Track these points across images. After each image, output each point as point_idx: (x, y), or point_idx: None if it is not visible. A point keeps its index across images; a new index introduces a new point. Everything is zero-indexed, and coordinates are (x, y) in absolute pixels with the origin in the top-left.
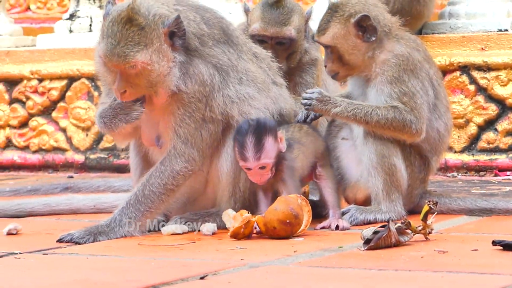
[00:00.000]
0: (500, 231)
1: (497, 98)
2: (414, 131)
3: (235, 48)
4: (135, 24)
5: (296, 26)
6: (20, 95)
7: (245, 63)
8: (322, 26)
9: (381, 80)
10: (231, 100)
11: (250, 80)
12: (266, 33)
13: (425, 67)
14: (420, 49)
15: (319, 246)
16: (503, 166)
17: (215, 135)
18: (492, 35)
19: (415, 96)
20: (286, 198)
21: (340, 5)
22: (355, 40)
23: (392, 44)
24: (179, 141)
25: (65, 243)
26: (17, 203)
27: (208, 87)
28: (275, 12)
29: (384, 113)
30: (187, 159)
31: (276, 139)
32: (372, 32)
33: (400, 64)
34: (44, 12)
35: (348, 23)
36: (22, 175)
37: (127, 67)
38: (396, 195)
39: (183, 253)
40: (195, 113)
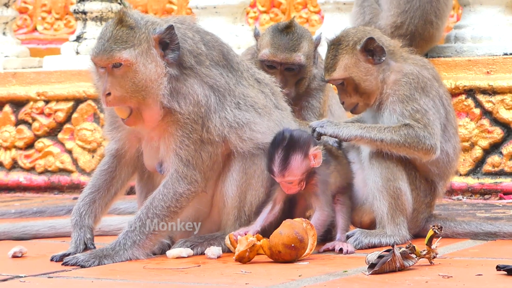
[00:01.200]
0: (505, 255)
1: (502, 122)
2: (429, 147)
3: (235, 73)
4: (125, 25)
5: (305, 52)
6: (27, 116)
7: (244, 89)
8: (330, 63)
9: (392, 100)
10: (228, 123)
11: (249, 106)
12: (276, 59)
13: (435, 85)
14: (428, 67)
15: (324, 270)
16: (508, 190)
17: (215, 157)
18: (498, 58)
19: (428, 113)
20: (291, 222)
21: (341, 37)
22: (367, 65)
23: (400, 64)
24: (181, 164)
25: (70, 266)
26: (22, 225)
27: (203, 107)
28: (285, 38)
29: (397, 130)
30: (190, 181)
31: (306, 157)
32: (380, 53)
33: (411, 83)
34: (51, 33)
35: (355, 51)
36: (27, 196)
37: (111, 65)
38: (401, 218)
39: (188, 277)
40: (193, 134)
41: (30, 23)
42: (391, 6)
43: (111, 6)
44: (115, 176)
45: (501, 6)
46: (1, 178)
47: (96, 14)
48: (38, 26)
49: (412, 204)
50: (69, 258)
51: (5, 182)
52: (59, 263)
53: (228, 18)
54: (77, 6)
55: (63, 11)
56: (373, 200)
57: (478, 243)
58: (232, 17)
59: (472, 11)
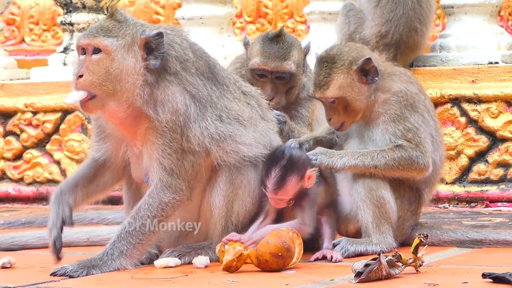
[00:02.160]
0: (491, 263)
1: (487, 130)
2: (422, 166)
3: (219, 87)
4: (114, 19)
5: (295, 60)
6: (15, 127)
7: (228, 102)
8: (323, 80)
9: (384, 119)
10: (209, 134)
11: (232, 118)
12: (267, 67)
13: (421, 99)
14: (413, 81)
15: (311, 279)
16: (494, 198)
17: (197, 167)
18: (483, 67)
19: (419, 131)
20: (278, 232)
21: (335, 56)
22: (360, 85)
23: (388, 82)
24: (165, 173)
25: (59, 276)
26: (11, 236)
27: (182, 116)
28: (275, 46)
29: (390, 154)
30: (175, 190)
31: (301, 179)
32: (374, 73)
33: (401, 101)
34: (39, 45)
35: (351, 71)
36: (16, 207)
37: (91, 50)
38: (386, 227)
39: (176, 286)
40: (173, 143)
41: (17, 35)
42: (375, 16)
43: (98, 17)
44: (98, 174)
45: (485, 15)
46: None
47: (83, 26)
48: (25, 38)
49: (397, 212)
50: (57, 268)
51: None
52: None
53: (214, 29)
54: (64, 17)
55: (51, 22)
56: (357, 210)
57: (464, 251)
58: (218, 28)
59: (457, 20)
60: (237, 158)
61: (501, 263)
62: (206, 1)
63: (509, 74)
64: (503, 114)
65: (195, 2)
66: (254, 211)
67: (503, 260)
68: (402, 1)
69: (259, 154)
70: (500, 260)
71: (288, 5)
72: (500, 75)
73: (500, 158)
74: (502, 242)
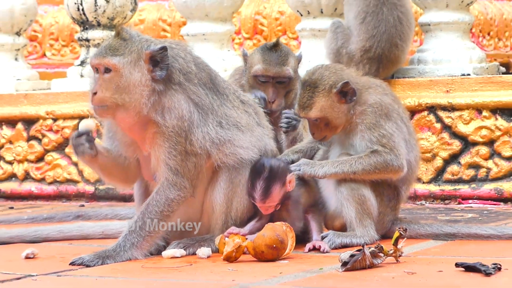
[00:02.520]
0: (463, 254)
1: (460, 135)
2: (397, 167)
3: (220, 96)
4: (120, 37)
5: (292, 66)
6: (37, 133)
7: (228, 110)
8: (306, 103)
9: (361, 128)
10: (211, 139)
11: (231, 125)
12: (268, 73)
13: (395, 107)
14: (387, 92)
15: (302, 268)
16: (465, 195)
17: (199, 167)
18: (456, 79)
19: (393, 137)
20: (273, 226)
21: (317, 80)
22: (340, 105)
23: (365, 95)
24: (170, 172)
25: (77, 266)
26: (34, 229)
27: (187, 122)
28: (275, 54)
29: (367, 160)
30: (179, 188)
31: (284, 185)
32: (352, 94)
33: (375, 111)
34: (58, 59)
35: (331, 94)
36: (38, 204)
37: (103, 69)
38: (368, 221)
39: (181, 274)
40: (178, 146)
41: (39, 50)
42: (360, 32)
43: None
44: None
45: (458, 32)
46: (15, 188)
47: (98, 41)
48: (46, 52)
49: (377, 208)
50: (75, 258)
51: (18, 191)
52: (66, 263)
53: (215, 44)
54: (81, 34)
55: (69, 38)
56: (342, 208)
57: (439, 243)
58: (219, 43)
59: (433, 37)
60: (235, 159)
61: (472, 254)
62: (208, 19)
63: (479, 85)
64: (474, 120)
65: (199, 21)
66: (251, 207)
67: (474, 251)
68: (384, 19)
69: (255, 156)
70: (471, 251)
71: (281, 23)
72: (472, 85)
73: (472, 160)
74: (473, 235)
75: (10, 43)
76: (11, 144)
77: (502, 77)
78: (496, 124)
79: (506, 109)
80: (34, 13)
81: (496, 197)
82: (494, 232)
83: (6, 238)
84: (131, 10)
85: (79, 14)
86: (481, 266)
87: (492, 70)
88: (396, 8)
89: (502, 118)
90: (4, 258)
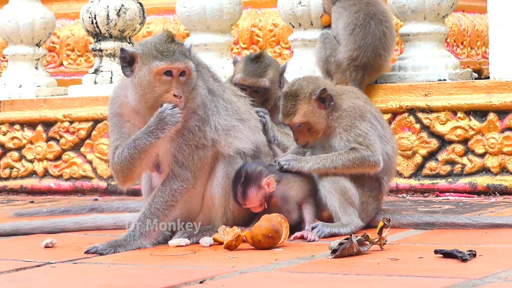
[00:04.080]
0: (441, 241)
1: (437, 134)
2: (374, 163)
3: (221, 85)
4: (177, 42)
5: (270, 78)
6: (55, 134)
7: (229, 96)
8: (290, 110)
9: (339, 131)
10: (222, 127)
11: (233, 111)
12: (245, 82)
13: (367, 109)
14: (359, 96)
15: (296, 255)
16: (443, 189)
17: (204, 159)
18: (434, 84)
19: (368, 135)
20: (269, 217)
21: (297, 90)
22: (319, 111)
23: (339, 102)
24: (176, 165)
25: (91, 254)
26: (52, 221)
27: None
28: (254, 66)
29: (346, 156)
30: (182, 179)
31: (260, 188)
32: (330, 99)
33: (350, 115)
34: (74, 67)
35: (311, 100)
36: (56, 198)
37: (179, 71)
38: (351, 209)
39: (186, 261)
40: (191, 141)
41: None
42: (348, 42)
43: (122, 45)
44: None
45: (435, 41)
46: (36, 184)
47: (110, 51)
48: (63, 62)
49: (359, 197)
50: (90, 247)
51: (38, 187)
52: (82, 252)
53: (216, 53)
54: (95, 45)
55: (84, 49)
56: (326, 200)
57: (420, 232)
58: (219, 53)
59: (413, 46)
60: (233, 149)
61: (450, 241)
62: (209, 31)
63: (455, 89)
64: (450, 121)
65: (201, 32)
66: None
67: (451, 239)
68: (371, 31)
69: (248, 148)
70: (449, 239)
71: (275, 34)
72: (448, 90)
73: (448, 157)
74: (450, 224)
75: (31, 54)
76: (32, 145)
77: (475, 82)
78: (470, 125)
79: (479, 111)
80: (52, 26)
81: (470, 190)
82: (469, 222)
83: (28, 229)
84: (139, 23)
85: (93, 27)
86: (458, 252)
87: (466, 76)
88: (381, 23)
89: (475, 119)
90: (26, 247)
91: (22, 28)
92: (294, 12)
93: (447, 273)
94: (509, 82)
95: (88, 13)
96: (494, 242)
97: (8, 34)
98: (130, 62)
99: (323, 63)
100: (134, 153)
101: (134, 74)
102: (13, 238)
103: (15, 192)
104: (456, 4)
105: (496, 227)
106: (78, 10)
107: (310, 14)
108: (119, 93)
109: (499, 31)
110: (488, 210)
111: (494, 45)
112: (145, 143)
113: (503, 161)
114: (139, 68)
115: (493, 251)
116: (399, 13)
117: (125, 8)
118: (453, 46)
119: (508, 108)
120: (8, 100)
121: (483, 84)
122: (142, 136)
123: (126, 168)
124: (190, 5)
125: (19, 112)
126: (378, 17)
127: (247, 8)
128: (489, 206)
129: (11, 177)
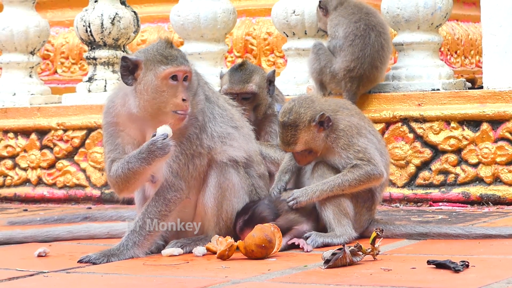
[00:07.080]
0: (434, 252)
1: (431, 144)
2: (378, 175)
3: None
4: (175, 48)
5: (257, 83)
6: (49, 142)
7: (223, 103)
8: (291, 140)
9: (337, 150)
10: (217, 135)
11: (228, 118)
12: (233, 90)
13: (362, 125)
14: (353, 113)
15: (288, 265)
16: (436, 198)
17: (200, 168)
18: (427, 93)
19: (367, 149)
20: (262, 227)
21: (295, 120)
22: (319, 134)
23: (335, 121)
24: (171, 175)
25: (84, 263)
26: (46, 230)
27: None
28: (239, 73)
29: (350, 175)
30: (176, 189)
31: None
32: (328, 121)
33: (347, 134)
34: (68, 75)
35: (311, 127)
36: (50, 207)
37: (184, 75)
38: (345, 220)
39: (179, 271)
40: (188, 150)
41: (51, 67)
42: (347, 53)
43: (116, 53)
44: None
45: (429, 51)
46: (29, 192)
47: (104, 60)
48: (58, 70)
49: (353, 208)
50: (83, 257)
51: (32, 195)
52: (75, 261)
53: (210, 62)
54: (89, 53)
55: (78, 57)
56: (321, 211)
57: (413, 242)
58: (213, 61)
59: (406, 55)
60: (226, 157)
61: (443, 252)
62: (204, 40)
63: (448, 99)
64: (443, 131)
65: (195, 41)
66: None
67: (444, 249)
68: (371, 43)
69: (241, 156)
70: (442, 250)
71: (269, 43)
72: (441, 99)
73: (441, 167)
74: (443, 234)
75: (25, 62)
76: (26, 153)
77: (468, 91)
78: (463, 134)
79: (472, 121)
80: (46, 34)
81: (463, 200)
82: (462, 232)
83: (21, 238)
84: (134, 31)
85: (87, 35)
86: (450, 263)
87: (459, 86)
88: (380, 35)
89: (468, 129)
90: (19, 256)
91: (16, 36)
92: (288, 21)
93: (440, 284)
94: (502, 92)
95: (82, 21)
96: (487, 253)
97: (2, 42)
98: (131, 70)
99: (317, 74)
100: (128, 173)
101: (138, 81)
102: (6, 247)
103: (9, 200)
104: (450, 13)
105: (489, 238)
106: (72, 18)
107: (304, 23)
108: (116, 102)
109: (492, 41)
110: (481, 220)
111: (488, 55)
112: (138, 167)
113: (496, 171)
114: (143, 75)
115: (486, 261)
116: (393, 23)
117: (119, 16)
118: (447, 55)
119: (502, 118)
120: (2, 108)
121: (476, 94)
122: (135, 160)
123: (122, 184)
124: (184, 14)
125: (13, 120)
126: (378, 29)
127: (241, 17)
128: (482, 216)
129: (4, 185)
